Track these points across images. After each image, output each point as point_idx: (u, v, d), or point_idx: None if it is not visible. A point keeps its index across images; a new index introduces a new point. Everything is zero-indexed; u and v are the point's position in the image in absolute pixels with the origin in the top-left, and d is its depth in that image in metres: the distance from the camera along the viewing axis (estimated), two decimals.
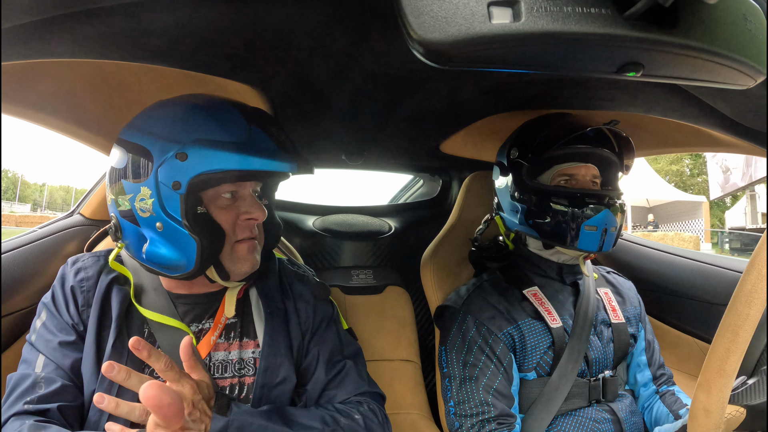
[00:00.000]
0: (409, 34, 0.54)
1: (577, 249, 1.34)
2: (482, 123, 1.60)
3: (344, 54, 1.06)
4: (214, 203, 1.06)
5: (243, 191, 1.10)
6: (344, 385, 1.19)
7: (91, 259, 1.19)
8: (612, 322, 1.46)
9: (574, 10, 0.52)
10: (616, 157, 1.40)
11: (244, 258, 1.09)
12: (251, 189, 1.11)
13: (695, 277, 1.84)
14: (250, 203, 1.09)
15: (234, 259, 1.08)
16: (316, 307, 1.26)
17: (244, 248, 1.08)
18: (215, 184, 1.05)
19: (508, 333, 1.38)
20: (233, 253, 1.08)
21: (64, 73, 1.13)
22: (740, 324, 0.79)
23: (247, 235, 1.09)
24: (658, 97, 1.13)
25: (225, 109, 1.04)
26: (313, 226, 2.33)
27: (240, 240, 1.08)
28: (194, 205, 1.01)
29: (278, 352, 1.13)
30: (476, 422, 1.30)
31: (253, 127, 1.03)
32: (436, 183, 2.66)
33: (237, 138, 1.00)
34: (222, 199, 1.07)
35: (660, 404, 1.45)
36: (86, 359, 1.06)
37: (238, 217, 1.07)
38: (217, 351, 1.13)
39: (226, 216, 1.06)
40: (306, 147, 1.98)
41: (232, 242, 1.07)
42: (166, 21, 0.87)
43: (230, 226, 1.07)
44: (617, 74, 0.62)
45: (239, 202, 1.09)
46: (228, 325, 1.16)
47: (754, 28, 0.60)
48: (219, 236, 1.05)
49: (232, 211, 1.07)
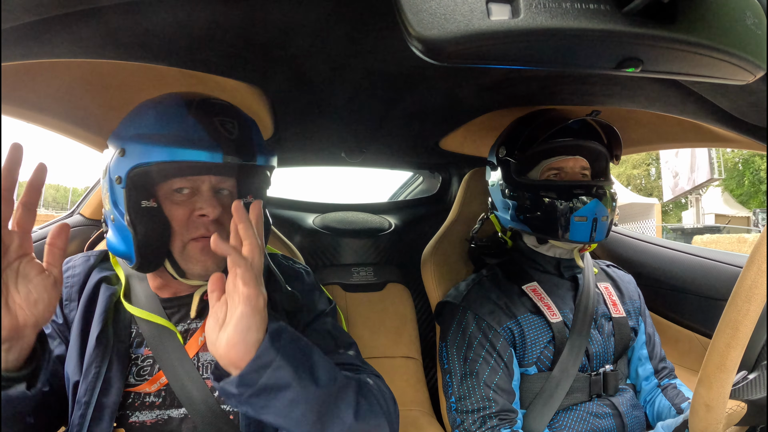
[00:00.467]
0: (407, 31, 0.54)
1: (569, 240, 1.35)
2: (481, 119, 1.60)
3: (343, 51, 1.06)
4: (168, 199, 1.06)
5: (201, 186, 1.07)
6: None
7: (82, 258, 1.21)
8: (612, 316, 1.46)
9: (572, 6, 0.52)
10: (603, 148, 1.41)
11: (196, 258, 1.06)
12: (210, 185, 1.08)
13: (696, 272, 1.84)
14: (205, 199, 1.06)
15: (185, 257, 1.06)
16: (309, 303, 1.23)
17: (196, 247, 1.05)
18: (161, 179, 1.05)
19: (508, 328, 1.38)
20: (185, 251, 1.06)
21: (63, 73, 1.13)
22: (740, 320, 0.79)
23: (200, 233, 1.05)
24: (657, 93, 1.13)
25: (170, 104, 1.05)
26: (314, 223, 2.33)
27: (194, 238, 1.05)
28: (138, 200, 1.02)
29: None
30: (478, 418, 1.30)
31: (191, 118, 1.02)
32: (435, 180, 2.66)
33: (169, 131, 1.01)
34: (176, 195, 1.06)
35: (662, 398, 1.45)
36: (70, 352, 1.07)
37: (192, 213, 1.05)
38: (206, 351, 1.12)
39: (179, 212, 1.05)
40: (305, 145, 1.98)
41: (185, 239, 1.05)
42: (164, 20, 0.86)
43: (181, 223, 1.05)
44: (616, 70, 0.62)
45: (196, 197, 1.07)
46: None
47: (753, 24, 0.60)
48: (164, 231, 1.04)
49: (186, 207, 1.05)
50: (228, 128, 1.04)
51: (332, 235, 2.30)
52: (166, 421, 1.05)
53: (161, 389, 1.07)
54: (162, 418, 1.05)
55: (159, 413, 1.06)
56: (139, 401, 1.06)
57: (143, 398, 1.06)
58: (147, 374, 1.08)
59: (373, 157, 2.21)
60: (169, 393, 1.07)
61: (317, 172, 2.66)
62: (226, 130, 1.03)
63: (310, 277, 1.32)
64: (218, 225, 1.06)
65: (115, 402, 1.02)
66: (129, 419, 1.04)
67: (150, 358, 1.09)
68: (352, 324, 1.99)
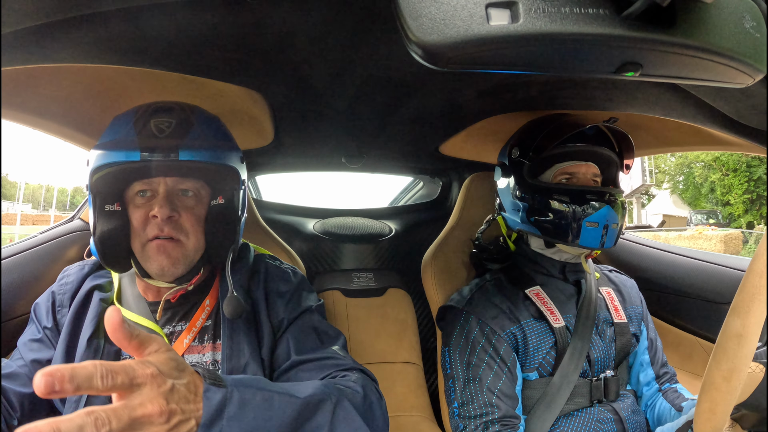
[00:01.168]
0: (407, 37, 0.54)
1: (579, 246, 1.34)
2: (481, 124, 1.60)
3: (343, 57, 1.06)
4: (132, 202, 1.12)
5: (158, 189, 1.11)
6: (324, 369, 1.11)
7: (77, 267, 1.27)
8: (614, 321, 1.46)
9: (572, 10, 0.52)
10: (615, 156, 1.42)
11: (153, 257, 1.08)
12: (167, 186, 1.11)
13: (697, 276, 1.84)
14: (158, 200, 1.09)
15: (144, 257, 1.10)
16: (292, 302, 1.23)
17: (153, 247, 1.09)
18: (122, 183, 1.12)
19: (511, 333, 1.38)
20: (143, 251, 1.10)
21: (64, 77, 1.13)
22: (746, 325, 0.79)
23: (155, 233, 1.08)
24: (656, 97, 1.14)
25: (127, 114, 1.13)
26: (314, 229, 2.33)
27: (150, 238, 1.09)
28: (103, 204, 1.09)
29: (241, 353, 1.12)
30: (480, 423, 1.29)
31: (130, 123, 1.08)
32: (436, 185, 2.66)
33: (113, 137, 1.09)
34: (138, 198, 1.12)
35: (662, 401, 1.44)
36: (57, 354, 1.12)
37: (149, 214, 1.09)
38: (190, 354, 1.14)
39: (138, 213, 1.10)
40: (306, 150, 1.98)
41: (143, 240, 1.09)
42: (164, 25, 0.87)
43: (140, 224, 1.09)
44: (616, 74, 0.62)
45: (155, 200, 1.10)
46: (203, 328, 1.17)
47: (752, 27, 0.60)
48: (123, 233, 1.10)
49: (144, 209, 1.10)
50: (161, 128, 1.08)
51: (332, 240, 2.30)
52: None
53: None
54: None
55: None
56: None
57: None
58: None
59: (374, 162, 2.21)
60: None
61: (317, 178, 2.65)
62: (157, 129, 1.07)
63: (297, 276, 1.32)
64: (174, 226, 1.10)
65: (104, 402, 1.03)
66: None
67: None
68: (352, 329, 1.99)
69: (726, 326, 0.81)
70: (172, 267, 1.09)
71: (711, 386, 0.83)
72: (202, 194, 1.16)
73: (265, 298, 1.22)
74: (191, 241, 1.12)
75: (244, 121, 1.50)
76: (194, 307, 1.19)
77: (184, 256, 1.11)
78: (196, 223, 1.13)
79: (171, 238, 1.09)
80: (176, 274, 1.10)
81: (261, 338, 1.18)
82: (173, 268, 1.09)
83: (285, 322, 1.19)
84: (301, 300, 1.25)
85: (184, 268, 1.11)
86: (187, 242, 1.11)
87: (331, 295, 2.06)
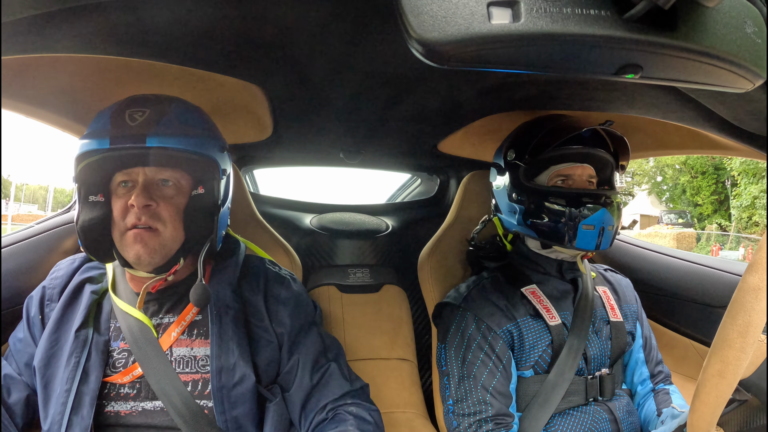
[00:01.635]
0: (408, 33, 0.54)
1: (575, 248, 1.35)
2: (481, 123, 1.60)
3: (343, 52, 1.06)
4: (115, 193, 1.14)
5: (137, 178, 1.12)
6: (329, 387, 1.20)
7: (68, 261, 1.30)
8: (610, 320, 1.47)
9: (573, 11, 0.52)
10: (611, 157, 1.42)
11: (130, 246, 1.09)
12: (145, 176, 1.12)
13: (692, 279, 1.85)
14: (136, 190, 1.10)
15: (122, 245, 1.11)
16: (295, 311, 1.26)
17: (130, 236, 1.09)
18: (105, 173, 1.13)
19: (508, 330, 1.38)
20: (122, 240, 1.11)
21: (63, 68, 1.13)
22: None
23: (132, 221, 1.08)
24: (656, 99, 1.14)
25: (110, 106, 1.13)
26: (311, 224, 2.33)
27: (129, 227, 1.09)
28: (87, 194, 1.12)
29: (230, 352, 1.14)
30: (474, 422, 1.30)
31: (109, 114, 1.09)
32: (433, 182, 2.66)
33: (92, 128, 1.10)
34: (120, 188, 1.13)
35: (651, 402, 1.45)
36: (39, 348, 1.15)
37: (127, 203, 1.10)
38: (179, 347, 1.15)
39: (118, 203, 1.11)
40: (304, 144, 1.98)
41: (122, 229, 1.10)
42: (164, 17, 0.87)
43: (120, 213, 1.11)
44: (616, 76, 0.62)
45: (134, 190, 1.11)
46: (193, 323, 1.18)
47: (753, 32, 0.60)
48: (105, 222, 1.12)
49: (124, 199, 1.11)
50: (134, 117, 1.08)
51: (329, 235, 2.30)
52: (140, 413, 1.11)
53: (135, 381, 1.13)
54: (136, 410, 1.11)
55: (134, 405, 1.11)
56: (115, 392, 1.12)
57: (118, 389, 1.12)
58: (121, 366, 1.14)
59: (372, 158, 2.20)
60: (144, 385, 1.12)
61: (315, 173, 2.65)
62: (130, 119, 1.08)
63: (297, 284, 1.34)
64: (151, 215, 1.10)
65: (93, 390, 1.09)
66: (105, 408, 1.10)
67: (126, 351, 1.15)
68: (347, 325, 1.99)
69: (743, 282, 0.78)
70: (149, 256, 1.09)
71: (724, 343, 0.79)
72: (182, 184, 1.16)
73: (264, 304, 1.24)
74: (168, 230, 1.12)
75: (243, 115, 1.50)
76: (183, 300, 1.20)
77: (161, 245, 1.11)
78: (174, 212, 1.13)
79: (148, 227, 1.09)
80: (153, 264, 1.11)
81: (256, 342, 1.19)
82: (149, 257, 1.09)
83: (291, 336, 1.23)
84: (304, 312, 1.29)
85: (161, 257, 1.11)
86: (165, 231, 1.11)
87: (327, 291, 2.06)
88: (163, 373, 1.10)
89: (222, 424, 1.09)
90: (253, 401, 1.14)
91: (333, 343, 1.31)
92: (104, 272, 1.26)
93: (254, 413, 1.15)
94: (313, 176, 2.87)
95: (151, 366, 1.11)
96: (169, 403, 1.09)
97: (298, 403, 1.19)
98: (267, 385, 1.19)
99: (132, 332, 1.13)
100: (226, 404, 1.10)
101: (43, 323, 1.18)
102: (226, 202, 1.23)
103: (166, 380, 1.10)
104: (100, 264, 1.28)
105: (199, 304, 1.10)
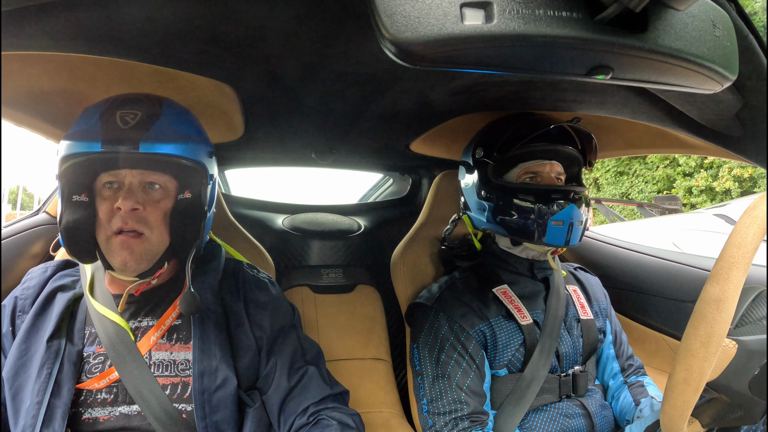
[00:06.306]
0: (381, 33, 0.54)
1: (545, 244, 1.37)
2: (453, 122, 1.61)
3: (315, 52, 1.05)
4: (99, 194, 1.10)
5: (124, 181, 1.10)
6: (309, 390, 1.19)
7: (40, 270, 1.25)
8: (581, 318, 1.49)
9: (546, 13, 0.53)
10: (578, 154, 1.44)
11: (116, 252, 1.07)
12: (132, 179, 1.10)
13: (661, 275, 1.89)
14: (123, 193, 1.07)
15: (108, 250, 1.08)
16: (274, 315, 1.25)
17: (117, 242, 1.07)
18: (90, 174, 1.10)
19: (480, 330, 1.39)
20: (108, 244, 1.08)
21: (31, 66, 1.10)
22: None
23: (119, 225, 1.06)
24: (626, 100, 1.15)
25: (96, 105, 1.11)
26: (283, 224, 2.30)
27: (115, 232, 1.07)
28: (70, 194, 1.08)
29: (212, 355, 1.12)
30: (449, 420, 1.30)
31: (97, 115, 1.07)
32: (405, 182, 2.66)
33: (80, 128, 1.08)
34: (105, 190, 1.10)
35: (627, 394, 1.48)
36: (9, 358, 1.10)
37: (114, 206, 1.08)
38: (159, 351, 1.13)
39: (104, 205, 1.09)
40: (276, 145, 1.96)
41: (108, 233, 1.08)
42: (134, 14, 0.85)
43: (105, 216, 1.08)
44: (587, 77, 0.62)
45: (120, 192, 1.09)
46: (173, 327, 1.16)
47: (721, 35, 0.61)
48: (89, 223, 1.09)
49: (110, 201, 1.08)
50: (125, 119, 1.06)
51: (301, 236, 2.28)
52: (118, 418, 1.08)
53: (112, 385, 1.10)
54: (114, 415, 1.08)
55: (111, 410, 1.08)
56: (91, 398, 1.09)
57: (95, 395, 1.09)
58: (97, 371, 1.10)
59: (344, 158, 2.19)
60: (121, 390, 1.09)
61: (287, 173, 2.63)
62: (122, 121, 1.06)
63: (275, 287, 1.34)
64: (138, 219, 1.08)
65: (65, 403, 1.05)
66: (82, 416, 1.07)
67: (102, 355, 1.12)
68: (321, 326, 1.97)
69: (704, 293, 0.81)
70: (135, 263, 1.08)
71: (687, 353, 0.82)
72: (169, 188, 1.14)
73: (244, 308, 1.22)
74: (155, 235, 1.10)
75: (214, 115, 1.48)
76: (163, 303, 1.18)
77: (147, 251, 1.09)
78: (161, 217, 1.11)
79: (135, 231, 1.07)
80: (139, 270, 1.09)
81: (237, 347, 1.18)
82: (136, 264, 1.08)
83: (270, 340, 1.22)
84: (282, 316, 1.28)
85: (147, 263, 1.10)
86: (151, 236, 1.09)
87: (300, 292, 2.05)
88: (140, 377, 1.08)
89: (202, 429, 1.07)
90: (234, 406, 1.13)
91: (312, 346, 1.30)
92: (77, 279, 1.23)
93: (235, 418, 1.13)
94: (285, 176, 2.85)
95: (128, 370, 1.08)
96: (146, 406, 1.06)
97: (276, 405, 1.18)
98: (247, 390, 1.18)
99: (109, 336, 1.11)
100: (207, 408, 1.08)
101: (14, 335, 1.14)
102: (212, 207, 1.22)
103: (143, 384, 1.08)
104: (73, 271, 1.25)
105: (189, 312, 1.09)
